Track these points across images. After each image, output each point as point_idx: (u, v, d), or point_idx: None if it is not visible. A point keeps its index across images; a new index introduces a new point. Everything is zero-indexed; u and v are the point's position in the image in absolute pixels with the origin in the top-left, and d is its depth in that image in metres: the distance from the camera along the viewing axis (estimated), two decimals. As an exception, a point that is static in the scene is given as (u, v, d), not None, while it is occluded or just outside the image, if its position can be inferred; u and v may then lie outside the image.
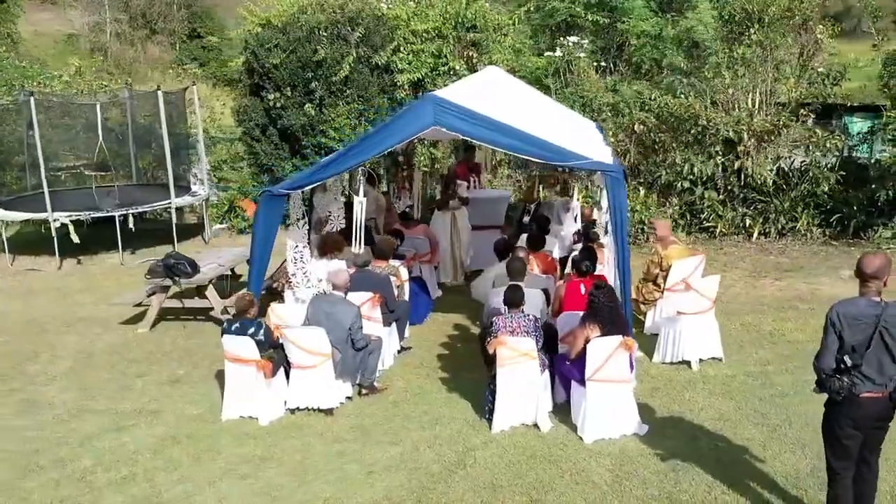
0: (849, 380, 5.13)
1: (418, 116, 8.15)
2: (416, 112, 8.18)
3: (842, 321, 5.12)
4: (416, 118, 8.16)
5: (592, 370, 7.22)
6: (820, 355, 5.25)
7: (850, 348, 5.10)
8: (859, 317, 5.11)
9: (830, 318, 5.19)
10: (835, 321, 5.16)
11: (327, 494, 6.67)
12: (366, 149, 8.24)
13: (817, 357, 5.25)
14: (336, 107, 16.43)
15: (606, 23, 20.79)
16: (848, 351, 5.10)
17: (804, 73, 16.17)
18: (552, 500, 6.39)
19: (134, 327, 11.23)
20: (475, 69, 16.92)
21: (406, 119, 8.22)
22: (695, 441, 7.25)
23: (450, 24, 16.55)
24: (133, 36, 41.09)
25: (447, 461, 7.12)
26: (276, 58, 16.09)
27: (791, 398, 8.06)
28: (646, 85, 17.61)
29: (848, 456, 5.40)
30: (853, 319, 5.11)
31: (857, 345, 5.11)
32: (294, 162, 17.09)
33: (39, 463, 7.44)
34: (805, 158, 15.77)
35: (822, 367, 5.21)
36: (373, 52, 16.39)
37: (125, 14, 41.69)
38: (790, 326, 10.27)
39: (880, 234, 14.89)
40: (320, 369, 8.17)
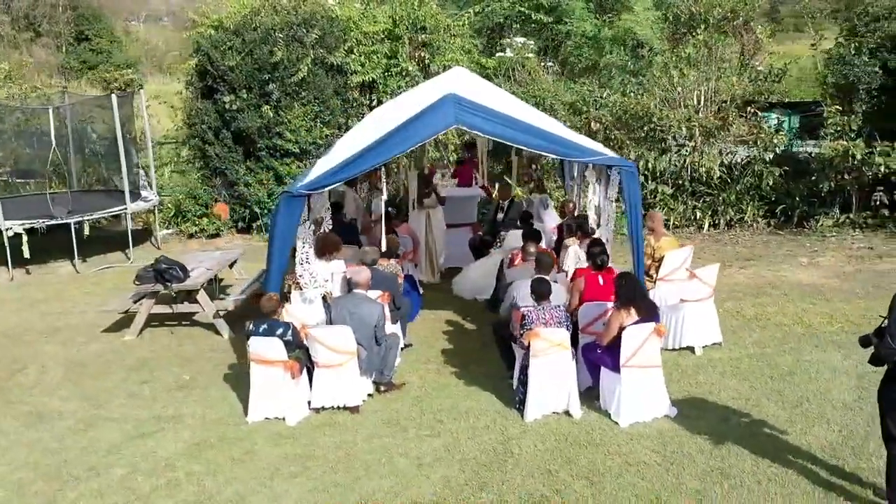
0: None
1: (440, 116, 8.32)
2: (436, 111, 8.33)
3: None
4: (438, 118, 8.33)
5: (627, 356, 7.51)
6: (894, 334, 5.52)
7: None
8: None
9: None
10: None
11: (386, 487, 6.76)
12: (388, 148, 8.34)
13: (892, 336, 5.51)
14: (292, 108, 16.38)
15: (549, 23, 21.17)
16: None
17: (745, 71, 16.94)
18: (610, 481, 6.64)
19: (118, 335, 11.00)
20: (427, 70, 17.16)
21: (427, 119, 8.35)
22: (725, 420, 7.63)
23: (403, 25, 16.68)
24: (17, 38, 39.31)
25: (493, 450, 7.30)
26: (231, 60, 15.93)
27: (799, 377, 8.55)
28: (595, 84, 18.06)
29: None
30: None
31: None
32: (248, 164, 16.97)
33: (72, 473, 7.29)
34: (747, 153, 16.49)
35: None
36: (328, 54, 16.41)
37: (7, 15, 39.86)
38: (771, 311, 10.82)
39: (822, 223, 15.74)
40: (346, 368, 8.23)
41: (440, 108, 8.33)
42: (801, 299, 11.33)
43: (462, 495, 6.57)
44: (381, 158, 8.47)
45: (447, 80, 12.00)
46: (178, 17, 40.82)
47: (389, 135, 8.31)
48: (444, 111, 8.27)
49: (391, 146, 8.35)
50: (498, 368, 9.16)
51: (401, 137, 8.33)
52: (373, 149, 8.28)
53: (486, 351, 9.83)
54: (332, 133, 17.07)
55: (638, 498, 6.35)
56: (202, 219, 17.35)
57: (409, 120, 8.33)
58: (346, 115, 17.27)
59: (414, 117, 8.33)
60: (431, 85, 12.55)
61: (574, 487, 6.55)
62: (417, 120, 8.37)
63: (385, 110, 11.90)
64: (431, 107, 8.36)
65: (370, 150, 8.28)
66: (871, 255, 13.76)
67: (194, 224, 17.39)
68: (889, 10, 15.64)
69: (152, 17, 50.97)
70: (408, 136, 8.33)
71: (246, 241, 17.12)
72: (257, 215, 17.24)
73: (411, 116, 8.32)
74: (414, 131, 8.35)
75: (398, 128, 8.29)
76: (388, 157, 8.52)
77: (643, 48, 18.68)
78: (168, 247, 16.68)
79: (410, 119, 8.33)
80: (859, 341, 5.98)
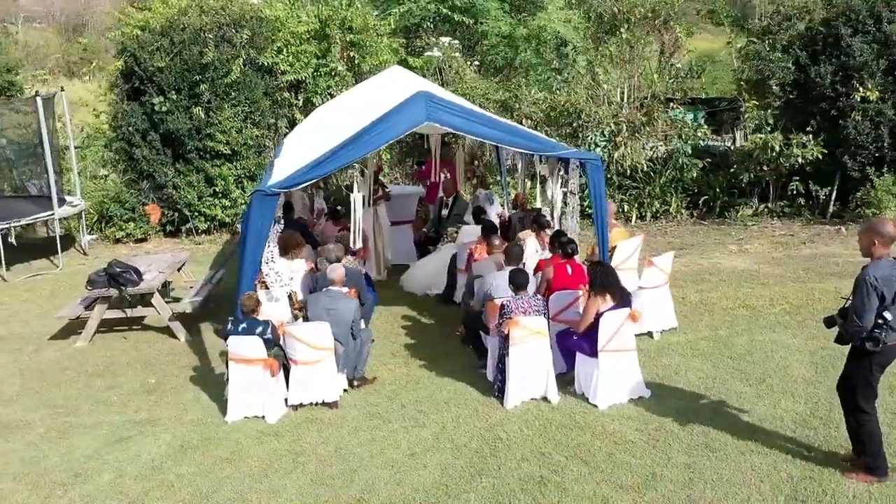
0: (884, 333, 5.89)
1: (411, 113, 8.46)
2: (408, 109, 8.46)
3: (880, 282, 5.85)
4: (409, 115, 8.47)
5: (605, 341, 7.82)
6: (862, 315, 5.89)
7: (889, 304, 5.87)
8: (889, 276, 5.89)
9: (870, 282, 5.86)
10: (875, 284, 5.85)
11: (385, 477, 6.87)
12: (360, 146, 8.43)
13: (860, 316, 5.90)
14: (223, 110, 16.22)
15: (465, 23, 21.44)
16: (889, 307, 5.86)
17: (664, 68, 17.61)
18: (602, 460, 6.92)
19: (68, 342, 10.76)
20: (357, 70, 17.25)
21: (399, 116, 8.47)
22: (698, 398, 8.04)
23: (334, 24, 16.72)
24: None
25: (481, 437, 7.50)
26: (160, 61, 15.67)
27: (756, 356, 9.04)
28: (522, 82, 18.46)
29: (875, 394, 6.24)
30: (886, 280, 5.87)
31: (889, 301, 5.88)
32: (177, 167, 16.70)
33: (57, 480, 7.16)
34: (670, 147, 17.14)
35: (865, 324, 5.91)
36: (258, 54, 16.33)
37: None
38: (714, 296, 11.34)
39: (742, 212, 16.51)
40: (324, 364, 8.29)
41: (411, 106, 8.46)
42: (740, 284, 11.91)
43: (462, 481, 6.74)
44: (353, 156, 8.57)
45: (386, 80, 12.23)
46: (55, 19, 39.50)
47: (361, 133, 8.39)
48: (416, 108, 8.42)
49: (363, 144, 8.43)
50: (467, 360, 9.38)
51: (373, 135, 8.42)
52: (345, 146, 8.35)
53: (449, 344, 10.03)
54: (261, 134, 16.98)
55: (633, 474, 6.65)
56: (129, 223, 16.97)
57: (381, 118, 8.43)
58: (276, 116, 17.19)
59: (385, 115, 8.43)
60: (372, 84, 12.72)
61: (570, 468, 6.81)
62: (389, 117, 8.47)
63: (333, 110, 11.95)
64: (402, 104, 8.49)
65: (343, 148, 8.34)
66: (794, 242, 14.54)
67: (120, 228, 17.00)
68: (799, 9, 16.47)
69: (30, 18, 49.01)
70: (379, 134, 8.43)
71: (175, 244, 16.84)
72: (187, 218, 16.98)
73: (382, 114, 8.41)
74: (385, 128, 8.45)
75: (370, 126, 8.38)
76: (360, 154, 8.63)
77: (566, 47, 19.15)
78: (95, 252, 16.33)
79: (382, 117, 8.43)
80: (824, 322, 6.41)
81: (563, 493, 6.42)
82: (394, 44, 18.21)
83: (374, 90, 11.80)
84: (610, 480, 6.57)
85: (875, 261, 5.98)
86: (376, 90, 11.73)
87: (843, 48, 15.29)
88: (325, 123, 10.54)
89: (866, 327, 5.90)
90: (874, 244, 5.97)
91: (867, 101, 14.95)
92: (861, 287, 5.92)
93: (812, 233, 15.10)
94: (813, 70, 15.53)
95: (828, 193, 15.95)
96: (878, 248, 5.97)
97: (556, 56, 19.04)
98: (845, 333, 6.16)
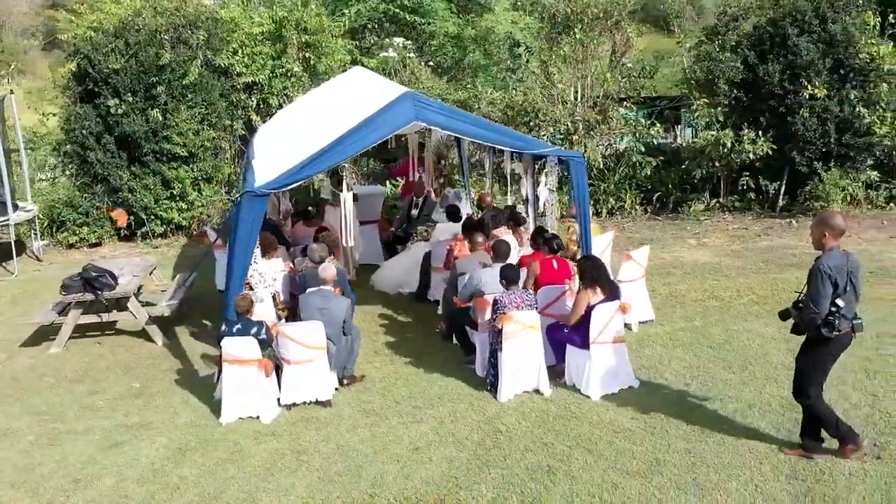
0: (838, 320, 6.18)
1: (399, 113, 8.57)
2: (396, 109, 8.56)
3: (832, 271, 6.16)
4: (397, 114, 8.58)
5: (596, 333, 8.03)
6: (818, 302, 6.19)
7: (841, 293, 6.17)
8: (840, 266, 6.21)
9: (823, 271, 6.17)
10: (828, 273, 6.16)
11: (393, 472, 6.96)
12: (348, 146, 8.49)
13: (816, 304, 6.19)
14: (179, 111, 16.06)
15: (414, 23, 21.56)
16: (841, 295, 6.17)
17: (616, 68, 17.99)
18: (605, 448, 7.12)
19: (41, 349, 10.58)
20: (313, 71, 17.26)
21: (386, 116, 8.56)
22: (686, 386, 8.31)
23: (290, 25, 16.69)
24: None
25: (481, 430, 7.64)
26: (115, 63, 15.44)
27: (734, 344, 9.37)
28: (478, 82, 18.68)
29: (822, 381, 6.58)
30: (838, 269, 6.18)
31: (841, 290, 6.19)
32: (133, 170, 16.47)
33: (57, 486, 7.07)
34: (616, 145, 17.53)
35: (821, 311, 6.20)
36: (214, 55, 16.22)
37: None
38: (683, 288, 11.69)
39: (695, 208, 16.98)
40: (317, 363, 8.34)
41: (399, 106, 8.56)
42: (705, 277, 12.28)
43: (470, 472, 6.86)
44: (343, 156, 8.63)
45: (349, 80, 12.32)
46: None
47: (349, 133, 8.44)
48: (404, 108, 8.52)
49: (351, 144, 8.50)
50: (452, 356, 9.52)
51: (360, 135, 8.49)
52: (334, 146, 8.40)
53: (430, 340, 10.16)
54: (217, 135, 16.86)
55: (637, 460, 6.86)
56: (82, 227, 16.67)
57: (369, 118, 8.50)
58: (232, 117, 17.09)
59: (372, 116, 8.51)
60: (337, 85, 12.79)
61: (575, 456, 6.99)
62: (376, 118, 8.55)
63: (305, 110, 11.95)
64: (390, 105, 8.58)
65: (332, 148, 8.39)
66: (749, 235, 15.01)
67: (74, 233, 16.69)
68: (745, 10, 17.00)
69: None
70: (367, 134, 8.51)
71: (132, 248, 16.61)
72: (143, 222, 16.75)
73: (370, 115, 8.49)
74: (373, 129, 8.53)
75: (357, 126, 8.45)
76: (349, 154, 8.68)
77: (519, 47, 19.42)
78: (49, 258, 16.04)
79: (370, 117, 8.50)
80: (779, 315, 6.70)
81: (573, 481, 6.60)
82: (348, 45, 18.24)
83: (342, 90, 11.89)
84: (615, 467, 6.77)
85: (827, 252, 6.27)
86: (344, 90, 11.82)
87: (790, 47, 15.84)
88: (301, 123, 10.56)
89: (822, 314, 6.18)
90: (825, 236, 6.28)
91: (814, 99, 15.51)
92: (816, 276, 6.21)
93: (765, 226, 15.61)
94: (761, 69, 16.05)
95: (777, 188, 16.49)
96: (828, 239, 6.27)
97: (510, 56, 19.26)
98: (801, 323, 6.42)
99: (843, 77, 15.79)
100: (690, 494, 6.31)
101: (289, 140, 10.04)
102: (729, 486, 6.38)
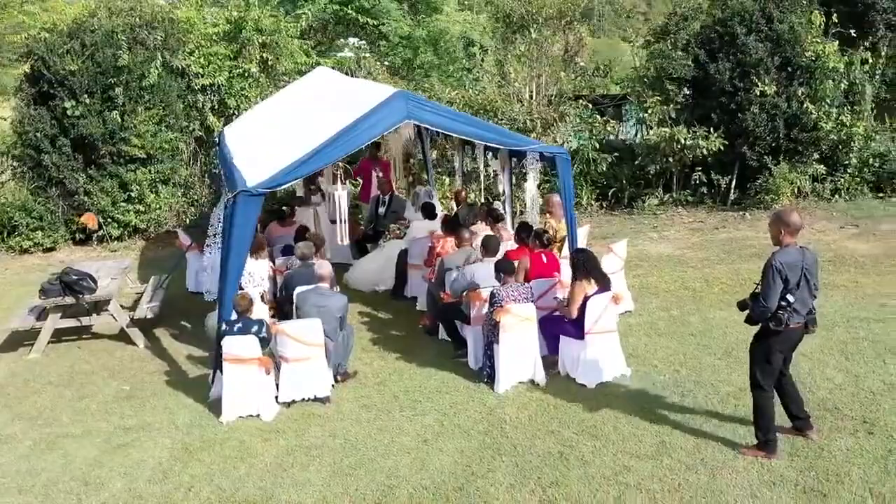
0: (787, 314, 6.50)
1: (391, 112, 8.69)
2: (388, 108, 8.67)
3: (784, 268, 6.44)
4: (390, 113, 8.70)
5: (591, 324, 8.29)
6: (767, 297, 6.46)
7: (792, 288, 6.46)
8: (794, 263, 6.50)
9: (775, 267, 6.44)
10: (780, 268, 6.43)
11: (407, 463, 7.11)
12: (341, 145, 8.57)
13: (765, 298, 6.47)
14: (137, 113, 15.88)
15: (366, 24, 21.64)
16: (791, 290, 6.46)
17: (568, 67, 18.36)
18: (609, 432, 7.39)
19: (17, 355, 10.41)
20: (271, 72, 17.24)
21: (379, 115, 8.66)
22: (677, 372, 8.64)
23: (250, 26, 16.64)
24: None
25: (485, 420, 7.83)
26: (72, 64, 15.19)
27: (714, 332, 9.73)
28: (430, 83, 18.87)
29: (774, 374, 6.85)
30: (791, 266, 6.47)
31: (793, 286, 6.49)
32: (89, 172, 16.19)
33: (66, 489, 7.05)
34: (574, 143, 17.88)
35: (770, 306, 6.49)
36: (172, 56, 16.08)
37: None
38: (653, 280, 12.06)
39: (649, 202, 17.43)
40: (315, 360, 8.43)
41: (391, 105, 8.68)
42: (672, 268, 12.68)
43: (483, 461, 7.05)
44: (335, 155, 8.71)
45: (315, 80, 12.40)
46: None
47: (342, 132, 8.53)
48: (396, 107, 8.65)
49: (344, 143, 8.56)
50: (440, 350, 9.69)
51: (353, 134, 8.55)
52: (327, 145, 8.46)
53: (415, 336, 10.33)
54: (175, 137, 16.70)
55: (643, 444, 7.14)
56: (36, 232, 16.33)
57: (361, 118, 8.59)
58: (189, 119, 16.95)
59: (366, 114, 8.61)
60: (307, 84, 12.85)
61: (583, 442, 7.23)
62: (369, 117, 8.64)
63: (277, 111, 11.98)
64: (382, 104, 8.69)
65: (325, 148, 8.45)
66: (707, 228, 15.50)
67: (27, 238, 16.34)
68: (695, 10, 17.53)
69: None
70: (361, 132, 8.61)
71: (88, 252, 16.33)
72: (100, 225, 16.48)
73: (362, 114, 8.59)
74: (366, 127, 8.63)
75: (351, 125, 8.54)
76: (342, 153, 8.75)
77: (473, 46, 19.66)
78: (4, 264, 15.65)
79: (362, 117, 8.60)
80: (738, 305, 6.97)
81: (586, 465, 6.84)
82: (303, 45, 18.23)
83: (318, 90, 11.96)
84: (624, 451, 7.04)
85: (783, 248, 6.58)
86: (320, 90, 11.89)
87: (738, 46, 16.38)
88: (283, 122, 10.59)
89: (771, 308, 6.46)
90: (781, 233, 6.59)
91: (764, 96, 16.07)
92: (768, 272, 6.49)
93: (719, 219, 16.12)
94: (712, 67, 16.56)
95: (728, 182, 17.02)
96: (785, 236, 6.58)
97: (465, 56, 19.50)
98: (753, 314, 6.72)
99: (790, 75, 16.38)
100: (701, 474, 6.60)
101: (274, 139, 10.06)
102: (736, 465, 6.70)
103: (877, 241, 13.61)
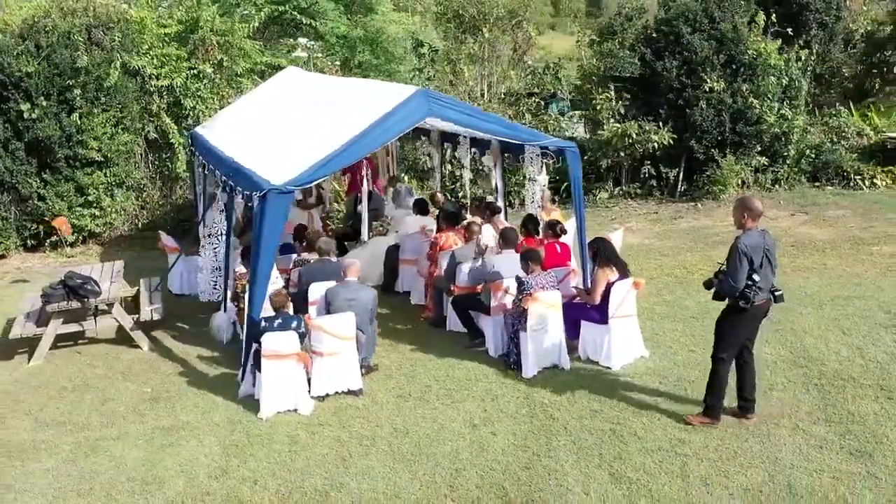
0: (752, 292, 7.03)
1: (413, 109, 8.92)
2: (410, 105, 8.89)
3: (749, 250, 6.98)
4: (412, 111, 8.92)
5: (614, 308, 8.72)
6: (735, 277, 6.99)
7: (757, 268, 7.01)
8: (757, 245, 7.06)
9: (741, 249, 6.95)
10: (745, 250, 6.96)
11: (465, 447, 7.37)
12: (365, 144, 8.76)
13: (733, 278, 7.00)
14: (94, 115, 15.57)
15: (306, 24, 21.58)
16: (756, 270, 7.01)
17: (518, 66, 18.86)
18: (651, 409, 7.84)
19: (17, 362, 10.18)
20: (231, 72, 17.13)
21: (401, 113, 8.87)
22: (691, 352, 9.16)
23: (206, 27, 16.50)
24: None
25: (525, 404, 8.16)
26: (28, 65, 14.80)
27: (713, 314, 9.79)
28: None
29: (735, 347, 7.41)
30: (754, 247, 7.02)
31: (757, 266, 7.04)
32: (44, 176, 15.78)
33: (128, 490, 7.06)
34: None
35: (738, 285, 7.01)
36: (128, 57, 15.83)
37: None
38: (635, 269, 12.18)
39: (600, 195, 18.05)
40: (347, 353, 8.61)
41: (412, 103, 8.90)
42: (647, 258, 13.25)
43: (540, 442, 7.38)
44: (360, 154, 8.90)
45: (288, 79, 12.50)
46: None
47: (367, 130, 8.70)
48: (418, 105, 8.88)
49: (371, 140, 8.77)
50: (454, 341, 9.95)
51: (379, 131, 8.77)
52: (354, 143, 8.63)
53: (421, 329, 10.58)
54: (131, 139, 16.44)
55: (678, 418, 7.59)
56: (-15, 239, 15.83)
57: (385, 115, 8.78)
58: (145, 121, 16.69)
59: (389, 112, 8.80)
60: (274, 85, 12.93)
61: (629, 419, 7.65)
62: (391, 116, 8.84)
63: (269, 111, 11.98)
64: (403, 102, 8.90)
65: (351, 146, 8.62)
66: (665, 218, 16.20)
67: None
68: (639, 10, 18.25)
69: None
70: (384, 131, 8.82)
71: (41, 259, 15.94)
72: (52, 230, 16.08)
73: (386, 112, 8.78)
74: (388, 126, 8.84)
75: (376, 122, 8.72)
76: (366, 152, 8.98)
77: (423, 47, 19.92)
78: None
79: (386, 114, 8.79)
80: (703, 284, 7.50)
81: (641, 440, 7.25)
82: (255, 46, 18.14)
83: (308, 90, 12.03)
84: (672, 425, 7.49)
85: (746, 231, 7.14)
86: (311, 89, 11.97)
87: (684, 45, 17.16)
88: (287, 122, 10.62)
89: (739, 287, 7.00)
90: (744, 217, 7.14)
91: (711, 91, 16.88)
92: (734, 254, 7.03)
93: (673, 210, 16.86)
94: (659, 65, 17.29)
95: (676, 175, 17.79)
96: (747, 221, 7.13)
97: (416, 56, 19.74)
98: (721, 291, 7.24)
99: (734, 71, 17.26)
100: (752, 442, 7.10)
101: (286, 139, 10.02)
102: (780, 433, 7.20)
103: (829, 227, 14.53)
